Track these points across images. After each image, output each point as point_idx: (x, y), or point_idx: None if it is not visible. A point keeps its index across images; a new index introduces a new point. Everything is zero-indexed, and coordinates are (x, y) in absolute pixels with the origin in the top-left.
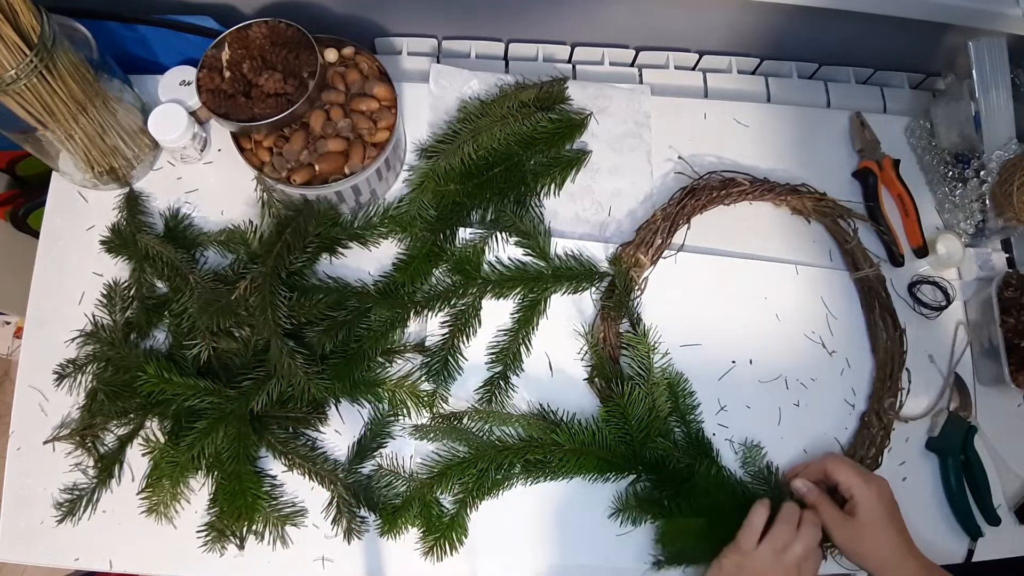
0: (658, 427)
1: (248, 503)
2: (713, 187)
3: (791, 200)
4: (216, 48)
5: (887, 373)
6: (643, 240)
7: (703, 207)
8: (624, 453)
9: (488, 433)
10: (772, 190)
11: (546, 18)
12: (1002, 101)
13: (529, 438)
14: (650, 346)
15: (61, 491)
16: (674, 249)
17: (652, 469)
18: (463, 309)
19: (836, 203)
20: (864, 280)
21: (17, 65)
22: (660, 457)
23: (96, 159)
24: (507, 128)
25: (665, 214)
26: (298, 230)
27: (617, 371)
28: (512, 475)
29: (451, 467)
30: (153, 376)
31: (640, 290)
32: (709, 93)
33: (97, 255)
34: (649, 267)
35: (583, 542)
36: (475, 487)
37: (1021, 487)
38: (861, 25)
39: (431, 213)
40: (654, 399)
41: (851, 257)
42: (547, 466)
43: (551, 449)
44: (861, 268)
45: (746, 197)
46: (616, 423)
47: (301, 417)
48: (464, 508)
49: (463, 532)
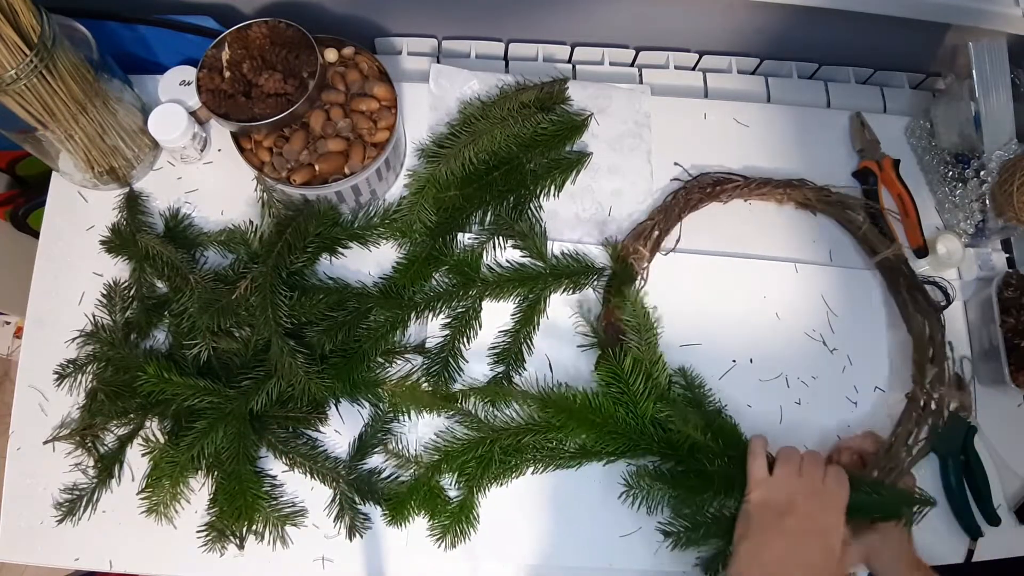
0: (658, 392)
1: (248, 503)
2: (706, 184)
3: (793, 194)
4: (216, 48)
5: (927, 350)
6: (641, 232)
7: (696, 204)
8: (625, 419)
9: (492, 415)
10: (767, 184)
11: (546, 18)
12: (1002, 101)
13: (530, 418)
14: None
15: (61, 491)
16: (667, 249)
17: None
18: (463, 311)
19: (840, 192)
20: (884, 262)
21: (17, 65)
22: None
23: (96, 159)
24: (507, 130)
25: (659, 210)
26: (298, 230)
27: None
28: (519, 461)
29: (455, 449)
30: (153, 376)
31: (643, 279)
32: (709, 93)
33: (97, 255)
34: (648, 257)
35: (585, 544)
36: (480, 470)
37: (1021, 487)
38: (861, 25)
39: (431, 218)
40: (651, 363)
41: (866, 243)
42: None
43: (555, 419)
44: (879, 251)
45: (741, 193)
46: (611, 383)
47: (301, 417)
48: (472, 492)
49: (474, 517)
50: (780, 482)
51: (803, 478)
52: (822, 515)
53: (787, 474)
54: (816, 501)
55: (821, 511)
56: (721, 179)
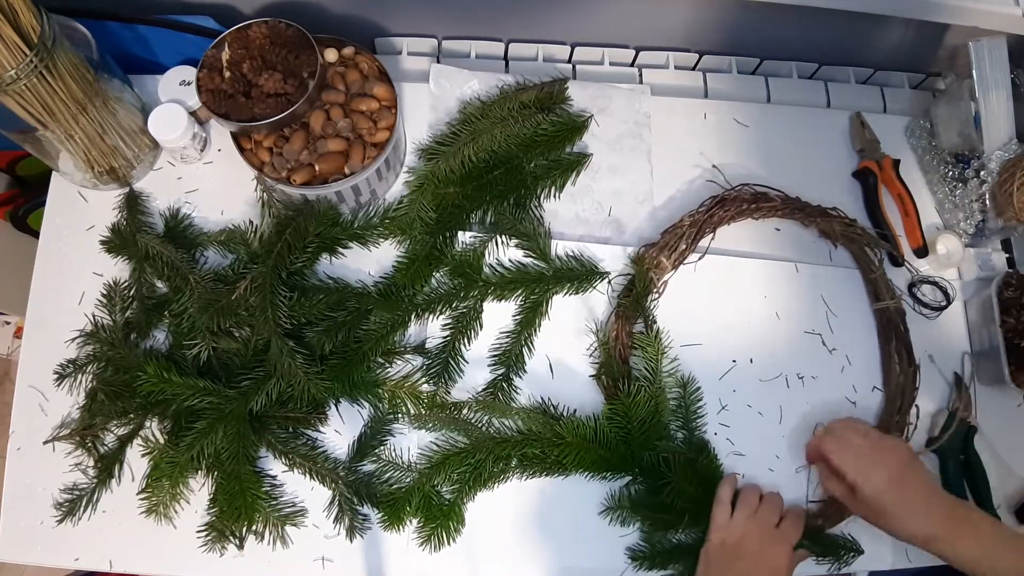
0: (659, 432)
1: (248, 503)
2: (744, 199)
3: (820, 223)
4: (216, 48)
5: (896, 408)
6: (667, 244)
7: (732, 218)
8: (623, 452)
9: (487, 425)
10: (803, 210)
11: (546, 18)
12: (1002, 101)
13: (528, 431)
14: (661, 349)
15: (61, 491)
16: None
17: (648, 472)
18: (464, 311)
19: (865, 231)
20: (884, 311)
21: (17, 65)
22: (657, 460)
23: (96, 159)
24: (507, 130)
25: (693, 220)
26: (298, 230)
27: (626, 371)
28: (509, 468)
29: (449, 457)
30: (153, 376)
31: (659, 293)
32: (709, 93)
33: (97, 255)
34: (670, 271)
35: (584, 545)
36: (472, 478)
37: (1021, 487)
38: (861, 25)
39: (431, 215)
40: (658, 402)
41: (873, 287)
42: (545, 461)
43: (551, 443)
44: (882, 299)
45: (776, 214)
46: (618, 421)
47: (301, 417)
48: (461, 497)
49: (460, 522)
50: (736, 525)
51: (757, 521)
52: (772, 555)
53: (743, 518)
54: (766, 542)
55: (771, 552)
56: (759, 195)
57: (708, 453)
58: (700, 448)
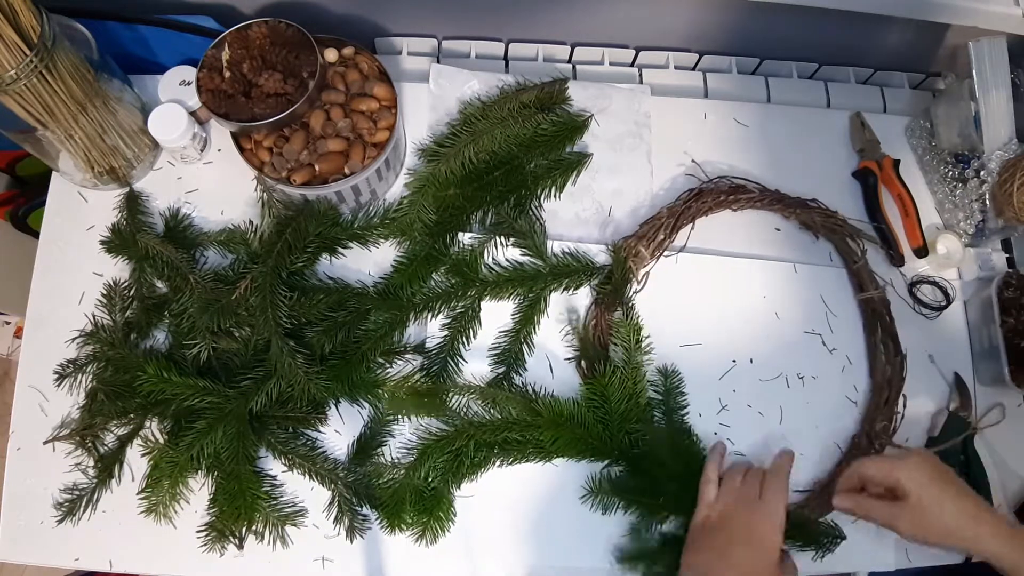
0: (637, 415)
1: (248, 503)
2: (721, 191)
3: (800, 214)
4: (216, 48)
5: (883, 399)
6: (645, 234)
7: (709, 210)
8: (601, 434)
9: (466, 409)
10: (781, 201)
11: (546, 18)
12: (1002, 101)
13: (508, 415)
14: (635, 328)
15: (61, 491)
16: (675, 250)
17: (628, 456)
18: (463, 311)
19: (846, 222)
20: (868, 302)
21: (17, 65)
22: (636, 442)
23: (96, 159)
24: (508, 130)
25: (671, 211)
26: (298, 230)
27: (603, 355)
28: (492, 455)
29: (430, 446)
30: (153, 376)
31: (640, 283)
32: (709, 93)
33: (97, 255)
34: (649, 261)
35: (584, 544)
36: (455, 466)
37: (1021, 487)
38: (861, 25)
39: (431, 217)
40: (636, 384)
41: (857, 277)
42: (526, 446)
43: (529, 424)
44: (866, 289)
45: (754, 205)
46: (596, 402)
47: (301, 417)
48: (446, 485)
49: (449, 511)
50: (720, 501)
51: (739, 493)
52: (758, 524)
53: (726, 491)
54: (750, 513)
55: (756, 521)
56: (737, 187)
57: (690, 436)
58: (682, 431)
